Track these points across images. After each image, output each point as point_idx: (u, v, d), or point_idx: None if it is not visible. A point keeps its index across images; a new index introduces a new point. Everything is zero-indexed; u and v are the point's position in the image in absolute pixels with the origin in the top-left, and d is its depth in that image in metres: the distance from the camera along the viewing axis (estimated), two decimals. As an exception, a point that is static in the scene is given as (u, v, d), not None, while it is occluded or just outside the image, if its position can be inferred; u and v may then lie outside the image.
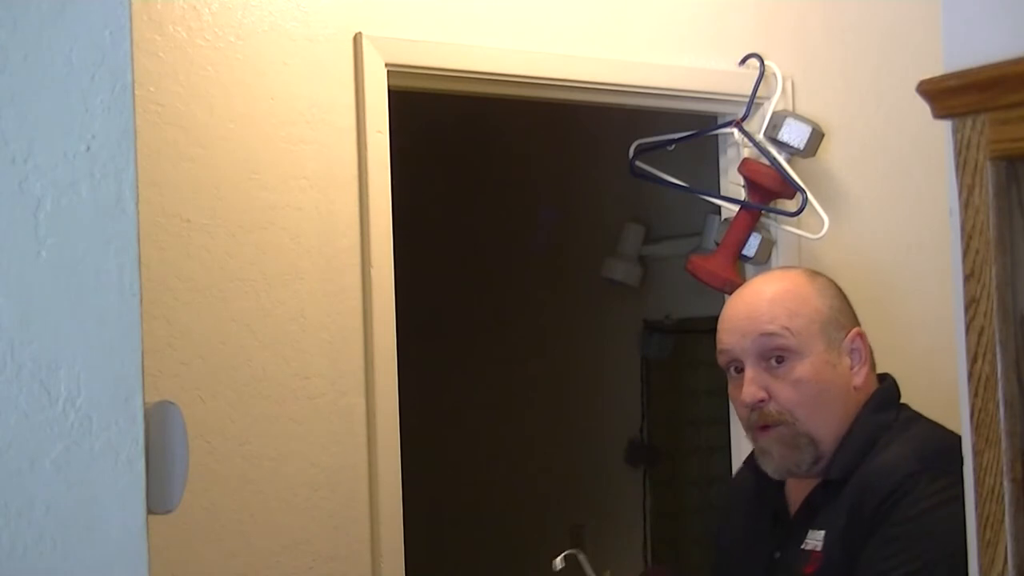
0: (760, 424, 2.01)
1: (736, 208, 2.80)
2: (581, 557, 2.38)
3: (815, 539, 1.95)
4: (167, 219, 2.21)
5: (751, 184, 2.77)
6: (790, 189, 2.75)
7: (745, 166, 2.78)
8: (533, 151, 4.44)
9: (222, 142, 2.27)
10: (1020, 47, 1.23)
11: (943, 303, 1.48)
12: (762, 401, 2.00)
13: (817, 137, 2.76)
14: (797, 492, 2.06)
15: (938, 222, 1.52)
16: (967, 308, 1.29)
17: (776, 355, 2.00)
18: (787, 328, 2.01)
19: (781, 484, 2.08)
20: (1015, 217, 1.25)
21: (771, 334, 2.00)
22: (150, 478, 1.17)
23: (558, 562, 2.38)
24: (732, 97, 2.80)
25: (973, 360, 1.28)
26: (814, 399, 2.00)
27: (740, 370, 2.04)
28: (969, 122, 1.27)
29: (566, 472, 4.51)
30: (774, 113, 2.78)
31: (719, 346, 2.08)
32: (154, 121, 2.20)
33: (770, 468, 2.04)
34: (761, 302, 2.06)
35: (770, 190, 2.76)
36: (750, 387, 2.00)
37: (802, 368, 2.00)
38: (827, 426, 2.00)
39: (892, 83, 2.93)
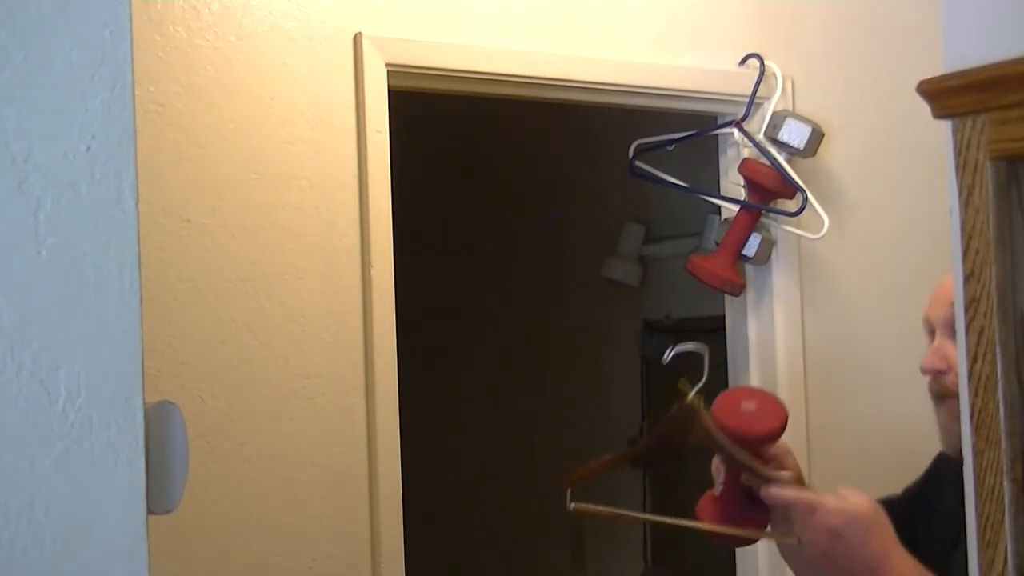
0: (936, 394, 1.99)
1: (736, 208, 2.80)
2: (703, 350, 2.24)
3: None
4: (167, 219, 2.21)
5: (751, 184, 2.77)
6: (790, 189, 2.75)
7: (745, 166, 2.78)
8: (533, 151, 4.44)
9: (222, 142, 2.27)
10: (1020, 47, 1.23)
11: (943, 303, 1.48)
12: (940, 372, 1.97)
13: (817, 137, 2.76)
14: None
15: (938, 222, 1.52)
16: (967, 308, 1.29)
17: None
18: None
19: None
20: (1015, 217, 1.25)
21: None
22: (150, 478, 1.17)
23: (667, 356, 2.27)
24: (732, 97, 2.80)
25: (973, 360, 1.28)
26: None
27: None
28: (969, 122, 1.27)
29: (566, 472, 4.50)
30: (774, 113, 2.78)
31: (923, 316, 2.08)
32: (154, 121, 2.20)
33: (942, 443, 2.00)
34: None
35: (770, 190, 2.76)
36: (931, 356, 1.99)
37: None
38: None
39: (892, 83, 2.93)
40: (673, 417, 1.95)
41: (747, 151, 2.81)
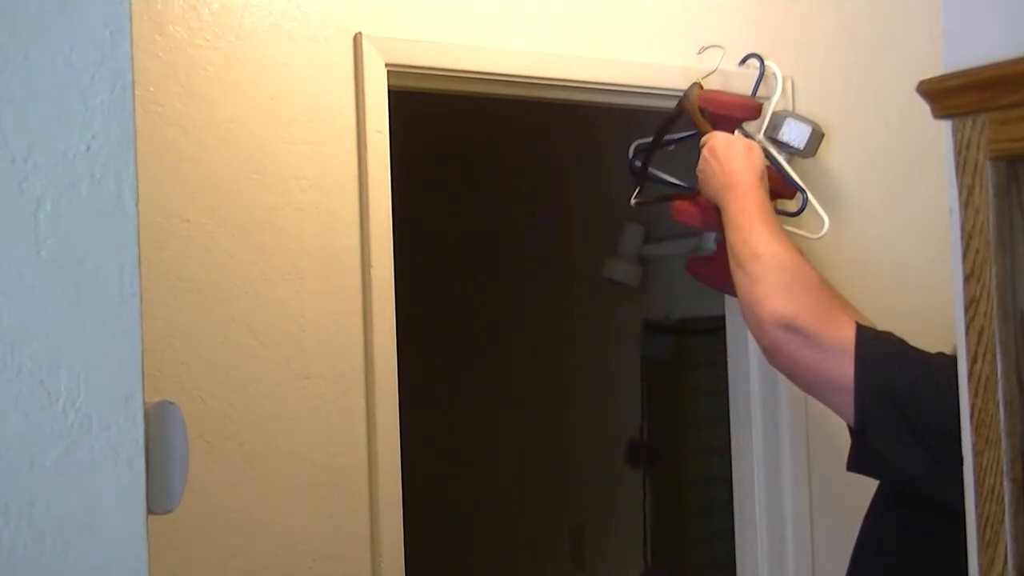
0: None
1: (736, 208, 2.80)
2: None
3: None
4: (167, 219, 2.21)
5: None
6: (790, 189, 2.75)
7: (745, 166, 2.77)
8: (533, 151, 4.44)
9: (222, 142, 2.27)
10: (1020, 47, 1.23)
11: (943, 303, 1.48)
12: None
13: (817, 137, 2.76)
14: None
15: (938, 222, 1.52)
16: (967, 308, 1.29)
17: None
18: None
19: None
20: (1015, 217, 1.25)
21: None
22: (150, 478, 1.17)
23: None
24: (732, 97, 2.80)
25: (973, 360, 1.28)
26: None
27: None
28: (969, 122, 1.27)
29: (566, 472, 4.51)
30: (774, 113, 2.78)
31: None
32: (154, 121, 2.20)
33: None
34: None
35: (770, 190, 2.76)
36: None
37: None
38: None
39: (892, 83, 2.93)
40: (687, 89, 2.68)
41: (747, 151, 2.80)
